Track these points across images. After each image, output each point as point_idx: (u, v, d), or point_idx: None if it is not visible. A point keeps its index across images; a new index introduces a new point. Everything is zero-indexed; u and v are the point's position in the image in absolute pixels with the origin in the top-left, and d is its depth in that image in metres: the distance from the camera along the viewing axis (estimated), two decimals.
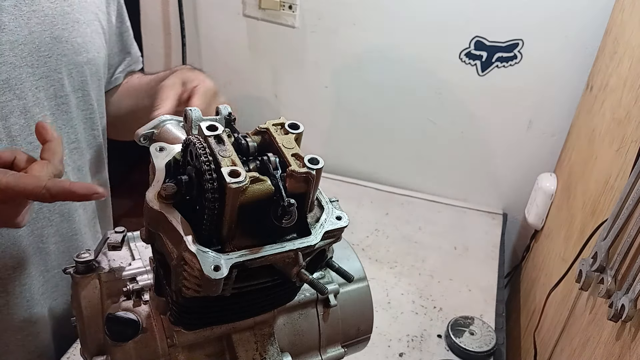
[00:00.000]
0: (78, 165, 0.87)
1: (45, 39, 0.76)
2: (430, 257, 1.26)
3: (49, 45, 0.76)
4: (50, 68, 0.77)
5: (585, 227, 0.89)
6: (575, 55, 1.21)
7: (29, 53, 0.74)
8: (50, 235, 0.84)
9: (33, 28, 0.74)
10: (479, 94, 1.33)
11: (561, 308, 0.93)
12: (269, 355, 0.58)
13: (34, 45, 0.74)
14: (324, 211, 0.49)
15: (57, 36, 0.77)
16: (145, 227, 0.47)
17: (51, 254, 0.85)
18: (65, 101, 0.81)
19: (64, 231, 0.86)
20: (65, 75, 0.80)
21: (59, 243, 0.86)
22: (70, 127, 0.84)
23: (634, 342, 0.59)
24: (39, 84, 0.76)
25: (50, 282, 0.87)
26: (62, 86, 0.80)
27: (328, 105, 1.47)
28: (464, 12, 1.24)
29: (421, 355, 0.99)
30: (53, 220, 0.84)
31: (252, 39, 1.44)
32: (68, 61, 0.80)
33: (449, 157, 1.45)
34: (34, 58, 0.75)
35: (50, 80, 0.78)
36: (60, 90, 0.80)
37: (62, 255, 0.87)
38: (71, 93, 0.82)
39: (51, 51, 0.77)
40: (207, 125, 0.46)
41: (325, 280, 0.65)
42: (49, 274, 0.86)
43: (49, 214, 0.83)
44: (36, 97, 0.76)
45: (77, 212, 0.89)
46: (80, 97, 0.84)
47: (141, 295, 0.58)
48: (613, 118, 0.90)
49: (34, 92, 0.76)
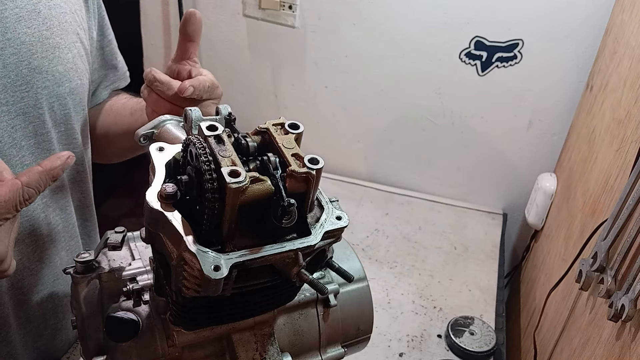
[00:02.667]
0: (61, 205, 0.79)
1: (22, 71, 0.67)
2: (430, 257, 1.26)
3: (27, 78, 0.67)
4: (29, 104, 0.69)
5: (585, 227, 0.89)
6: (575, 55, 1.21)
7: (2, 89, 0.65)
8: (31, 286, 0.77)
9: (7, 60, 0.65)
10: (479, 94, 1.33)
11: (561, 308, 0.93)
12: (269, 355, 0.58)
13: (9, 80, 0.66)
14: (324, 211, 0.49)
15: (36, 66, 0.68)
16: (145, 227, 0.47)
17: (33, 306, 0.79)
18: (47, 138, 0.73)
19: (45, 279, 0.80)
20: (47, 109, 0.71)
21: (40, 292, 0.79)
22: None
23: (634, 342, 0.59)
24: (15, 122, 0.68)
25: (31, 334, 0.81)
26: (43, 122, 0.71)
27: (328, 105, 1.48)
28: (464, 12, 1.24)
29: (421, 355, 0.99)
30: (33, 270, 0.77)
31: (252, 39, 1.44)
32: (49, 94, 0.71)
33: (449, 157, 1.45)
34: (9, 94, 0.66)
35: (29, 117, 0.69)
36: (40, 127, 0.71)
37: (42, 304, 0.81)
38: (52, 129, 0.74)
39: (29, 84, 0.68)
40: (207, 125, 0.46)
41: (325, 280, 0.65)
42: (30, 325, 0.80)
43: (29, 263, 0.76)
44: (13, 138, 0.68)
45: (59, 254, 0.81)
46: (63, 132, 0.76)
47: (141, 295, 0.58)
48: (613, 118, 0.90)
49: (10, 132, 0.67)
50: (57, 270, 0.81)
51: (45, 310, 0.82)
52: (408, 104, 1.40)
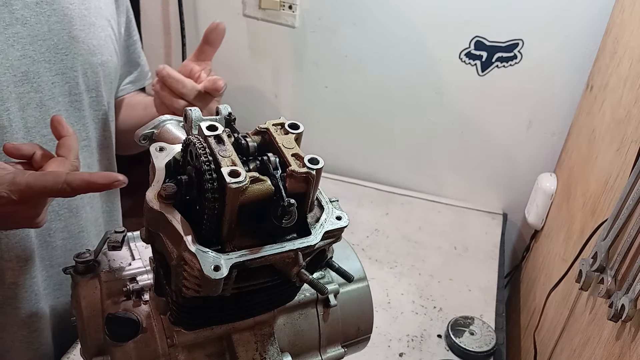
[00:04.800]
0: (88, 163, 0.87)
1: (63, 37, 0.77)
2: (430, 257, 1.26)
3: (67, 44, 0.78)
4: (67, 66, 0.79)
5: (585, 227, 0.89)
6: (575, 55, 1.21)
7: (47, 49, 0.76)
8: (57, 230, 0.84)
9: (52, 26, 0.76)
10: (479, 94, 1.33)
11: (561, 308, 0.93)
12: (269, 355, 0.58)
13: (52, 42, 0.76)
14: (324, 211, 0.49)
15: (74, 36, 0.79)
16: (145, 227, 0.47)
17: (57, 249, 0.85)
18: (79, 99, 0.83)
19: (71, 227, 0.87)
20: (80, 74, 0.81)
21: (65, 239, 0.86)
22: (82, 125, 0.85)
23: (634, 342, 0.59)
24: (55, 79, 0.78)
25: (54, 279, 0.87)
26: (77, 84, 0.81)
27: (328, 105, 1.47)
28: (464, 12, 1.24)
29: (421, 355, 0.99)
30: (62, 215, 0.84)
31: (252, 39, 1.44)
32: (83, 61, 0.81)
33: (449, 157, 1.45)
34: (52, 54, 0.77)
35: (66, 77, 0.80)
36: (74, 88, 0.81)
37: (67, 252, 0.87)
38: (85, 92, 0.83)
39: (68, 49, 0.78)
40: (207, 125, 0.46)
41: (325, 280, 0.65)
42: (53, 270, 0.86)
43: (58, 208, 0.83)
44: (52, 92, 0.78)
45: (85, 208, 0.89)
46: (94, 97, 0.86)
47: (141, 295, 0.58)
48: (613, 118, 0.90)
49: (50, 87, 0.77)
50: (82, 222, 0.88)
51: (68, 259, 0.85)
52: (408, 104, 1.40)
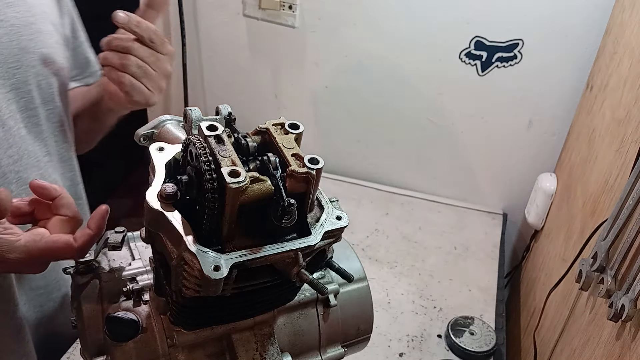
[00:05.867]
0: (53, 179, 0.83)
1: (13, 50, 0.72)
2: (430, 257, 1.26)
3: (17, 57, 0.73)
4: (20, 80, 0.74)
5: (585, 227, 0.89)
6: (575, 55, 1.21)
7: None
8: None
9: (0, 39, 0.71)
10: (479, 94, 1.33)
11: (561, 308, 0.93)
12: (269, 355, 0.58)
13: (2, 57, 0.71)
14: (324, 211, 0.49)
15: (24, 47, 0.74)
16: (145, 227, 0.47)
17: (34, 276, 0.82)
18: (35, 114, 0.78)
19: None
20: (34, 87, 0.77)
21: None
22: (41, 141, 0.81)
23: (634, 342, 0.59)
24: (9, 96, 0.73)
25: (35, 301, 0.83)
26: (32, 98, 0.77)
27: (328, 105, 1.48)
28: (464, 12, 1.24)
29: (421, 355, 0.99)
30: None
31: (252, 39, 1.44)
32: (36, 72, 0.76)
33: (449, 157, 1.45)
34: (3, 70, 0.72)
35: (20, 93, 0.75)
36: (30, 102, 0.77)
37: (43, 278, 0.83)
38: (40, 105, 0.79)
39: (19, 62, 0.74)
40: (207, 125, 0.46)
41: (325, 280, 0.65)
42: (33, 293, 0.83)
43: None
44: (9, 110, 0.74)
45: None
46: (50, 110, 0.82)
47: (141, 295, 0.58)
48: (613, 118, 0.90)
49: (7, 104, 0.73)
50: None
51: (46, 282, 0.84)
52: (408, 104, 1.40)
